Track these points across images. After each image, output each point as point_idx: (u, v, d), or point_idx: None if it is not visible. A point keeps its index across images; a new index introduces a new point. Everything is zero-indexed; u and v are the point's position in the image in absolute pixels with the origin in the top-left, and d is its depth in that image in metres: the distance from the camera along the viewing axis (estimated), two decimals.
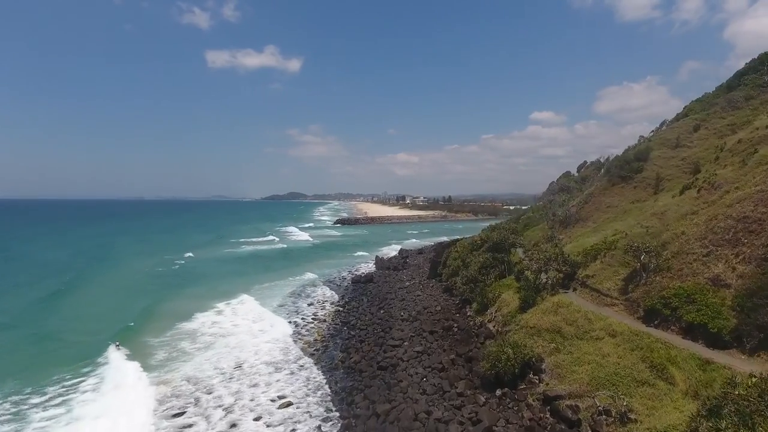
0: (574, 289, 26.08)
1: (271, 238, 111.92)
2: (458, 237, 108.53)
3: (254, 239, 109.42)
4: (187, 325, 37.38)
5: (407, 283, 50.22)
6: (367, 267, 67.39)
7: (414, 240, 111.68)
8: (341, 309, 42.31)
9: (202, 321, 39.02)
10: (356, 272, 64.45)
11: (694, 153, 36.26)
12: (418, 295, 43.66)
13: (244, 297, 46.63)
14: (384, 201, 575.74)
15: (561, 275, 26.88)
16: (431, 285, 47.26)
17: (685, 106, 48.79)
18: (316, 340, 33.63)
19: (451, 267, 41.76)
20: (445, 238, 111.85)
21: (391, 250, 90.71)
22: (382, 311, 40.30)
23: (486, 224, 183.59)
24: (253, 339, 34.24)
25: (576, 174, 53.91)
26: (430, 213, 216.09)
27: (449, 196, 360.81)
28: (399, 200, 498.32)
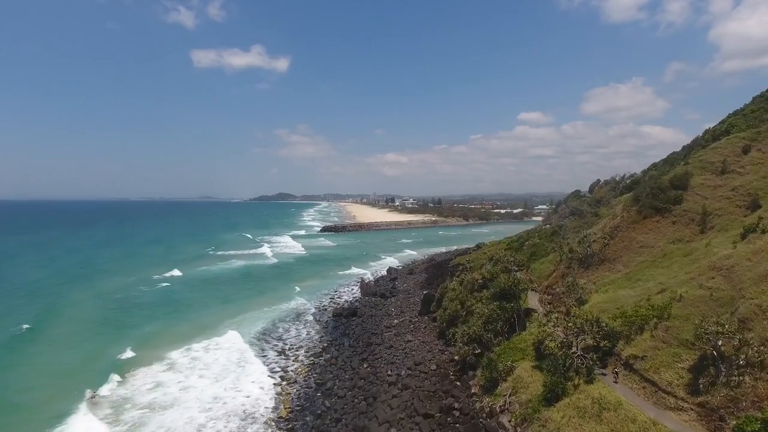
0: (616, 374, 19.69)
1: (261, 250, 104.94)
2: (452, 249, 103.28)
3: (245, 251, 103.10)
4: (137, 387, 30.32)
5: (395, 321, 43.49)
6: (351, 292, 60.49)
7: (407, 252, 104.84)
8: (317, 360, 35.48)
9: (154, 379, 32.06)
10: (339, 298, 57.74)
11: (748, 182, 30.17)
12: (409, 341, 36.95)
13: (216, 340, 39.62)
14: (373, 203, 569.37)
15: (597, 352, 20.45)
16: (423, 326, 40.59)
17: (723, 120, 42.69)
18: (281, 417, 26.74)
19: (448, 310, 35.10)
20: (437, 250, 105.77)
21: (380, 266, 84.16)
22: (365, 364, 33.56)
23: (477, 230, 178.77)
24: (203, 414, 27.27)
25: (588, 194, 47.55)
26: (420, 218, 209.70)
27: (439, 199, 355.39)
28: (388, 202, 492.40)
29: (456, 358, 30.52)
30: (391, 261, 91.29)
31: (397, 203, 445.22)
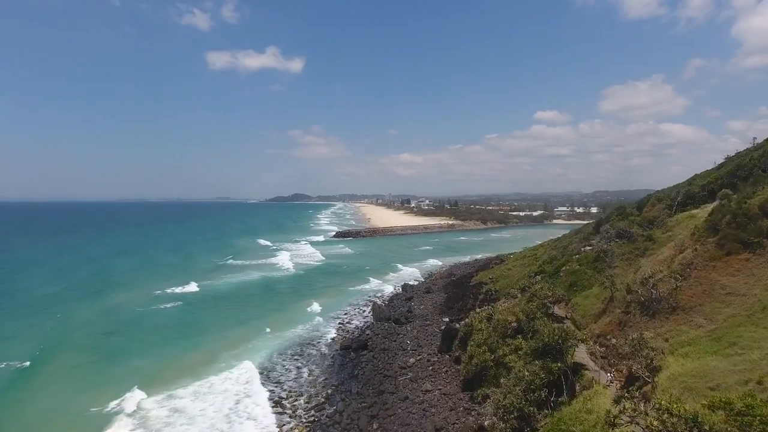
0: None
1: (279, 259, 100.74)
2: (472, 258, 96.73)
3: (263, 260, 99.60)
4: None
5: (411, 360, 37.70)
6: (363, 314, 54.92)
7: (425, 261, 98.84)
8: (318, 415, 30.00)
9: None
10: (350, 323, 52.29)
11: None
12: (428, 392, 31.20)
13: (211, 381, 34.56)
14: (388, 204, 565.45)
15: None
16: (444, 369, 34.74)
17: None
18: None
19: (474, 359, 29.23)
20: (456, 259, 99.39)
21: (398, 278, 78.98)
22: (375, 424, 27.95)
23: (496, 235, 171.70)
24: None
25: (637, 213, 40.90)
26: (436, 222, 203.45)
27: (455, 201, 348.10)
28: (404, 203, 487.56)
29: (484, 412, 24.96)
30: (409, 272, 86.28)
31: (413, 204, 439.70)
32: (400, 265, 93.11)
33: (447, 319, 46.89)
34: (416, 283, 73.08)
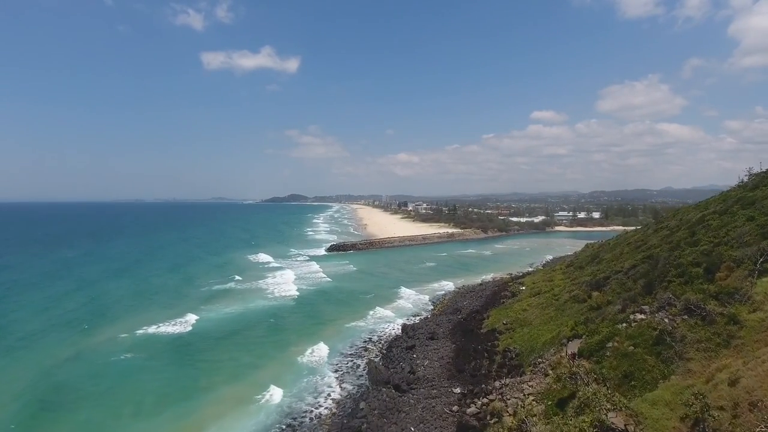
0: None
1: (282, 281, 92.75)
2: (477, 281, 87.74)
3: (266, 281, 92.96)
4: None
5: None
6: (356, 374, 46.54)
7: (427, 284, 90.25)
8: None
9: None
10: (342, 383, 44.07)
11: None
12: None
13: None
14: (385, 206, 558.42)
15: None
16: None
17: None
18: None
19: None
20: (459, 282, 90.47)
21: (400, 307, 71.76)
22: None
23: (499, 246, 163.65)
24: None
25: (705, 277, 32.49)
26: (435, 230, 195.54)
27: (454, 205, 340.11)
28: (401, 206, 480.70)
29: None
30: (410, 299, 79.11)
31: (410, 208, 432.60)
32: (400, 290, 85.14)
33: (458, 390, 38.76)
34: (418, 320, 64.76)
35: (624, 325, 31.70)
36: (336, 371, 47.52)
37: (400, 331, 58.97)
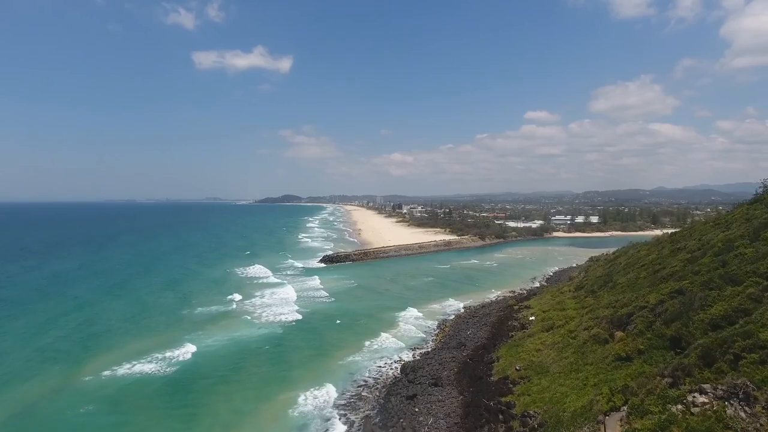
0: None
1: (283, 301, 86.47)
2: (478, 301, 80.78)
3: (266, 300, 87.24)
4: None
5: None
6: (357, 420, 40.53)
7: (433, 306, 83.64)
8: None
9: None
10: None
11: None
12: None
13: None
14: (380, 208, 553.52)
15: None
16: None
17: None
18: None
19: None
20: (458, 303, 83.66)
21: (404, 333, 65.72)
22: None
23: (499, 255, 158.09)
24: None
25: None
26: (431, 239, 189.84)
27: (449, 209, 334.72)
28: (395, 209, 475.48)
29: None
30: (409, 323, 72.96)
31: (405, 211, 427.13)
32: (401, 311, 79.00)
33: None
34: (419, 355, 58.63)
35: (680, 407, 25.83)
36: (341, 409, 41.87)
37: (399, 371, 52.88)
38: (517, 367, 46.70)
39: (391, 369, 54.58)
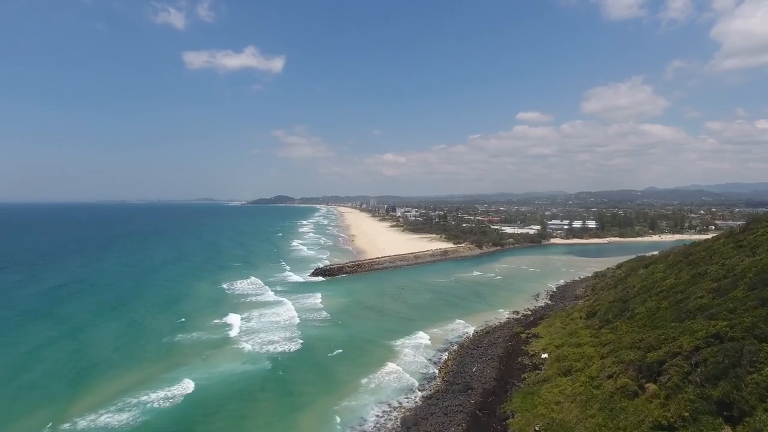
0: None
1: (285, 324, 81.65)
2: (487, 324, 76.17)
3: (266, 320, 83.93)
4: None
5: None
6: None
7: (434, 331, 78.08)
8: None
9: None
10: None
11: None
12: None
13: None
14: (373, 211, 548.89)
15: None
16: None
17: None
18: None
19: None
20: (457, 327, 77.86)
21: (408, 362, 61.06)
22: None
23: (498, 266, 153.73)
24: None
25: None
26: (427, 248, 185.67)
27: (444, 214, 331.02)
28: (389, 211, 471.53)
29: None
30: (416, 349, 68.64)
31: (398, 214, 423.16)
32: (399, 340, 73.80)
33: None
34: (421, 399, 53.38)
35: None
36: None
37: (399, 424, 48.28)
38: (537, 428, 42.36)
39: (390, 419, 49.74)
